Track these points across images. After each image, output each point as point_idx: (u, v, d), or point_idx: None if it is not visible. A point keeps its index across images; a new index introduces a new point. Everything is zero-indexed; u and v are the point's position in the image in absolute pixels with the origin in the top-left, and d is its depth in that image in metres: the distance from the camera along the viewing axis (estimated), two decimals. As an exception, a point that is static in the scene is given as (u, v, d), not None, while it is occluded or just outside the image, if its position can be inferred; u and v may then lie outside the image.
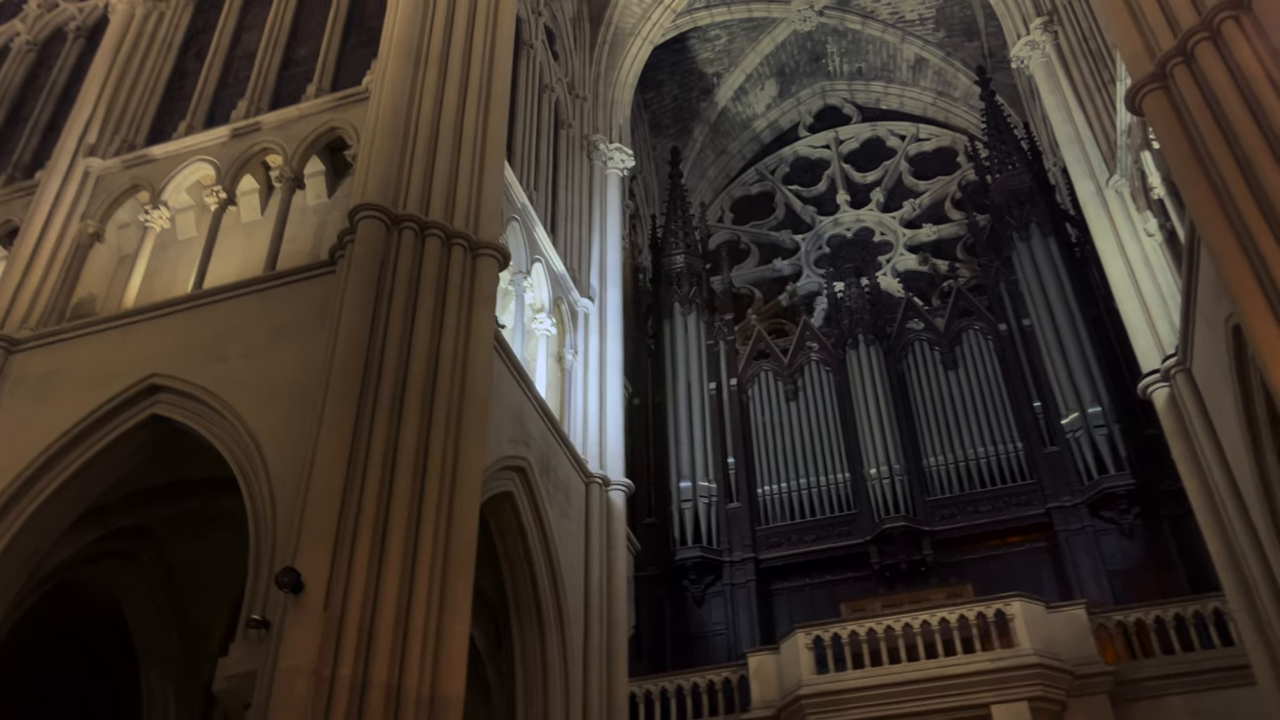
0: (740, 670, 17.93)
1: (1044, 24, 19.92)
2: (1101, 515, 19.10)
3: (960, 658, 16.13)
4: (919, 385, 22.03)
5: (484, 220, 13.31)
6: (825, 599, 19.89)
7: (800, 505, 21.15)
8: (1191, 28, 10.85)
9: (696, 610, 20.49)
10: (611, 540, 17.34)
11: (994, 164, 24.28)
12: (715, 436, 22.33)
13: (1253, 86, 10.05)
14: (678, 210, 26.81)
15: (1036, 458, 20.18)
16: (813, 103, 31.75)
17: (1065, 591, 18.54)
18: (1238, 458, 13.49)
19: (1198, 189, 10.45)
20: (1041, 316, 21.29)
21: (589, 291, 20.05)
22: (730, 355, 23.82)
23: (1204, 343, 14.04)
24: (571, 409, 18.44)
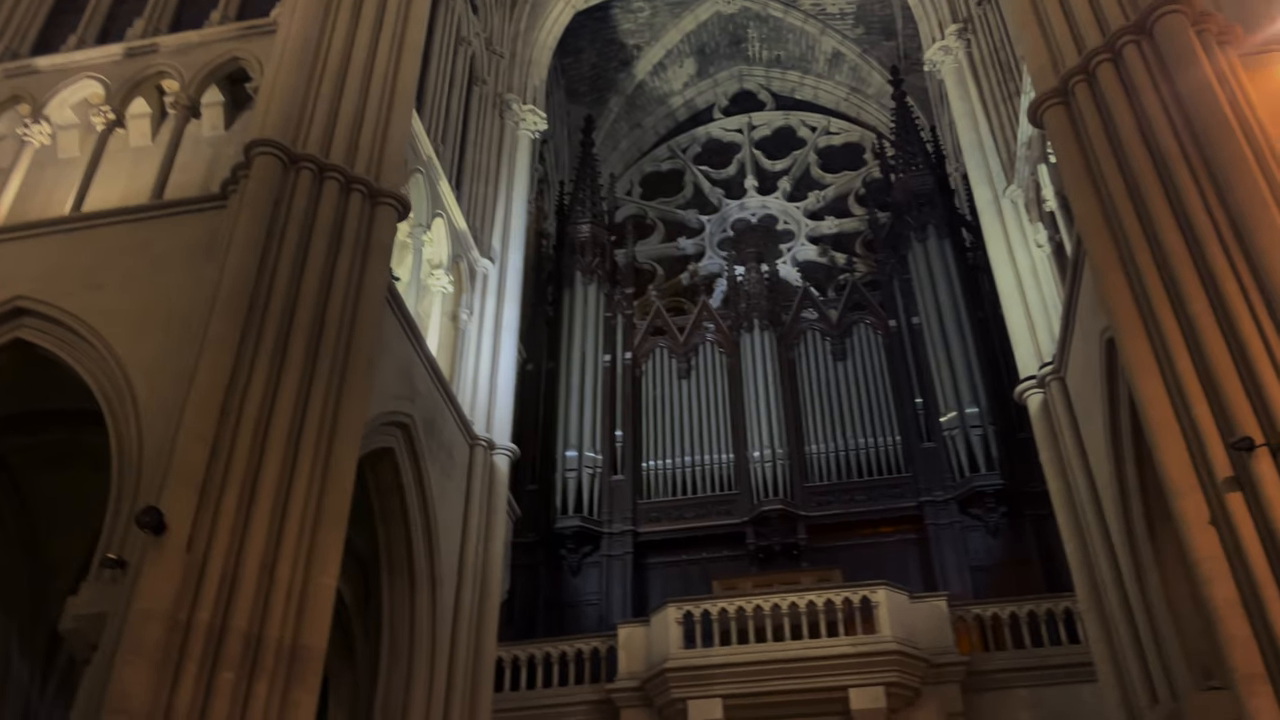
0: (610, 641, 18.08)
1: (959, 31, 20.31)
2: (970, 512, 19.79)
3: (824, 640, 16.55)
4: (808, 373, 22.45)
5: (386, 168, 13.01)
6: (699, 576, 20.17)
7: (683, 482, 21.38)
8: (1095, 48, 11.18)
9: (572, 579, 20.57)
10: (492, 504, 17.20)
11: (899, 164, 24.77)
12: (605, 408, 22.38)
13: (1146, 110, 10.42)
14: (587, 179, 26.67)
15: (913, 452, 20.77)
16: (730, 85, 31.87)
17: (929, 583, 19.19)
18: (1100, 465, 14.06)
19: (1087, 205, 10.80)
20: (931, 316, 21.88)
21: (490, 252, 19.78)
22: (627, 329, 23.87)
23: (1079, 353, 14.58)
24: (462, 369, 18.21)
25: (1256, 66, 10.64)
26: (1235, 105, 9.96)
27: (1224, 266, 9.14)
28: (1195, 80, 10.09)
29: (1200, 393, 8.96)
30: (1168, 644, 12.46)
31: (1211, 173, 9.62)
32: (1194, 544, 8.66)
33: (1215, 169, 9.57)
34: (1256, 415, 8.50)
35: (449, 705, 14.71)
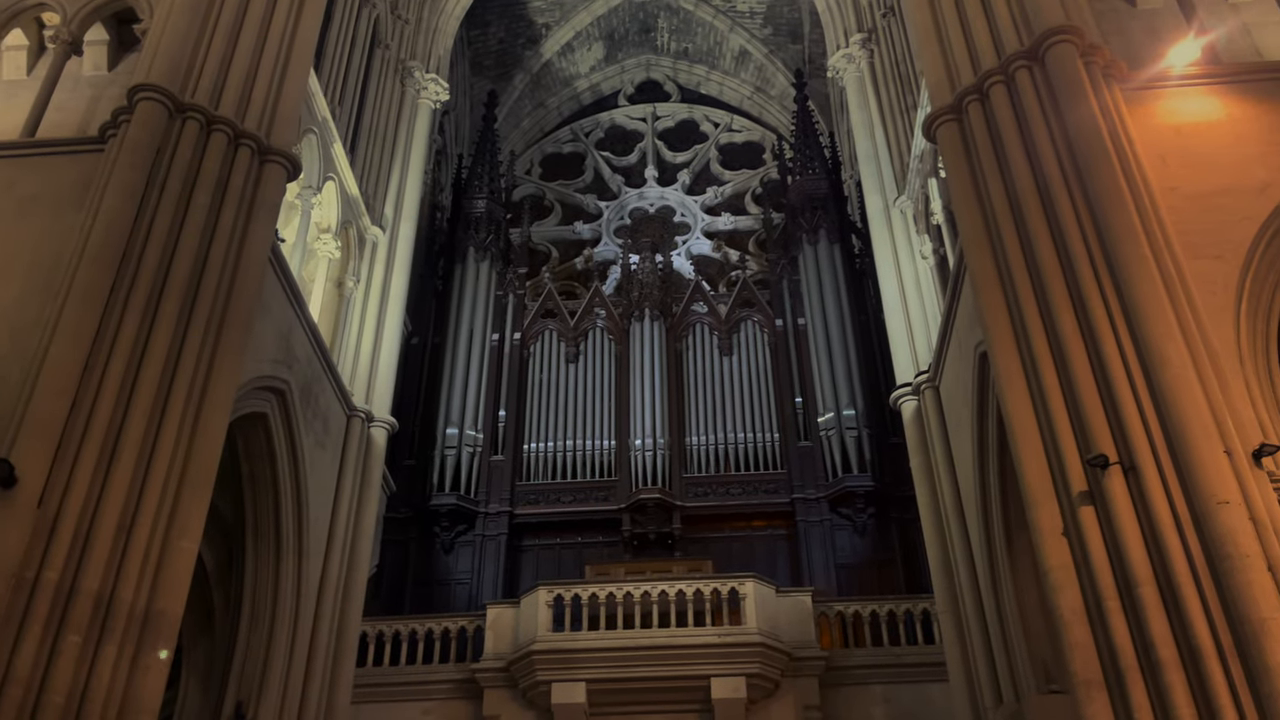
0: (478, 621, 17.97)
1: (863, 40, 20.70)
2: (839, 511, 20.30)
3: (691, 629, 16.78)
4: (694, 366, 22.67)
5: (279, 125, 12.63)
6: (572, 560, 20.23)
7: (563, 466, 21.36)
8: (990, 69, 11.53)
9: (444, 557, 20.37)
10: (366, 477, 16.90)
11: (797, 166, 25.17)
12: (490, 387, 22.20)
13: (1033, 134, 10.80)
14: (486, 155, 26.36)
15: (790, 450, 21.18)
16: (636, 73, 31.86)
17: (797, 578, 19.63)
18: (965, 474, 14.58)
19: (971, 221, 11.15)
20: (816, 318, 22.33)
21: (381, 220, 19.38)
22: (518, 309, 23.71)
23: (954, 365, 15.07)
24: (345, 338, 17.82)
25: (1137, 102, 11.14)
26: (1115, 138, 10.40)
27: (1094, 292, 9.53)
28: (1080, 110, 10.50)
29: (1063, 410, 9.35)
30: (1016, 648, 13.03)
31: (1089, 201, 10.02)
32: (1046, 553, 9.04)
33: (1092, 197, 9.97)
34: (1113, 435, 8.91)
35: (308, 677, 14.44)
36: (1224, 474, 8.21)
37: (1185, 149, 10.84)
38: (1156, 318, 9.06)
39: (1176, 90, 11.38)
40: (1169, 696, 7.75)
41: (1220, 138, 10.89)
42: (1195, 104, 11.23)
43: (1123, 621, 8.26)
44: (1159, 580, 8.19)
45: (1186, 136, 10.96)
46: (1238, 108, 11.08)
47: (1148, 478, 8.49)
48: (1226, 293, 9.78)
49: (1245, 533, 7.94)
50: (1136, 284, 9.27)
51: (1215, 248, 10.05)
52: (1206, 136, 10.92)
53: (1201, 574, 7.99)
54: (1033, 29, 11.37)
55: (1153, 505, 8.37)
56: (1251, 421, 8.87)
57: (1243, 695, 7.48)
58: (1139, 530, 8.42)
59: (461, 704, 17.28)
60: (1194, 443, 8.36)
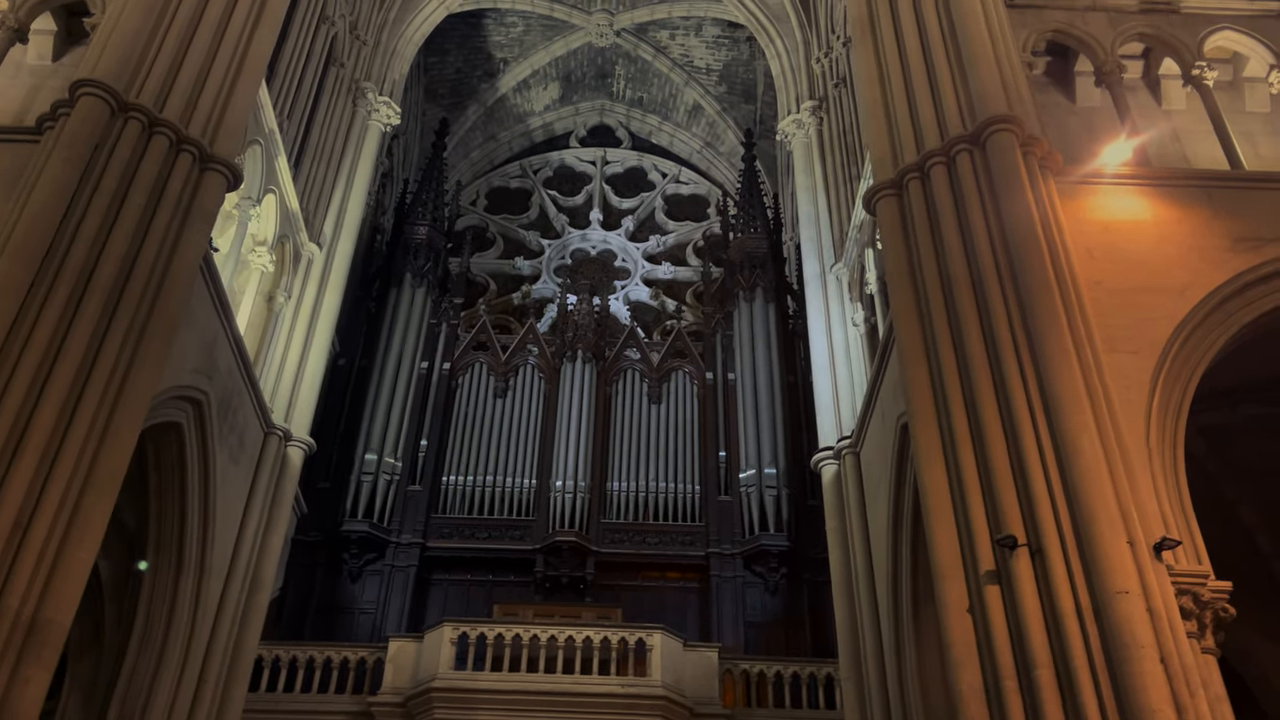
0: (379, 653, 17.60)
1: (813, 108, 21.15)
2: (753, 569, 20.36)
3: (595, 678, 16.62)
4: (622, 412, 22.67)
5: (224, 135, 12.47)
6: (481, 598, 19.96)
7: (481, 501, 21.13)
8: (933, 149, 11.82)
9: (350, 585, 19.96)
10: (278, 497, 16.54)
11: (739, 223, 25.51)
12: (414, 416, 21.94)
13: (969, 217, 11.06)
14: (432, 182, 26.28)
15: (710, 504, 21.23)
16: (590, 117, 32.11)
17: (705, 633, 19.59)
18: (879, 542, 14.75)
19: (903, 296, 11.36)
20: (746, 374, 22.52)
21: (319, 238, 19.16)
22: (450, 339, 23.54)
23: (876, 433, 15.29)
24: (270, 353, 17.52)
25: (1070, 195, 11.50)
26: (1047, 228, 10.70)
27: (1016, 377, 9.75)
28: (1015, 198, 10.80)
29: (977, 488, 9.51)
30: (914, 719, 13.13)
31: (1018, 287, 10.28)
32: (950, 628, 9.14)
33: (1021, 284, 10.24)
34: (1023, 517, 9.07)
35: (197, 699, 13.99)
36: (1125, 564, 8.41)
37: (1111, 245, 11.19)
38: (1073, 407, 9.29)
39: (1107, 188, 11.78)
40: (1058, 780, 7.85)
41: (1145, 237, 11.28)
42: (1124, 203, 11.63)
43: (1019, 702, 8.37)
44: (1057, 664, 8.32)
45: (1113, 233, 11.33)
46: (1163, 210, 11.50)
47: (1053, 562, 8.65)
48: (1141, 388, 10.07)
49: (1142, 623, 8.12)
50: (1056, 373, 9.50)
51: (1133, 343, 10.36)
52: (1132, 235, 11.30)
53: (1098, 661, 8.14)
54: (976, 115, 11.69)
55: (1056, 589, 8.53)
56: (1155, 515, 9.11)
57: (1128, 784, 7.61)
58: (1041, 613, 8.55)
59: (354, 737, 16.86)
60: (1099, 531, 8.55)
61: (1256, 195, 11.61)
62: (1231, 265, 10.98)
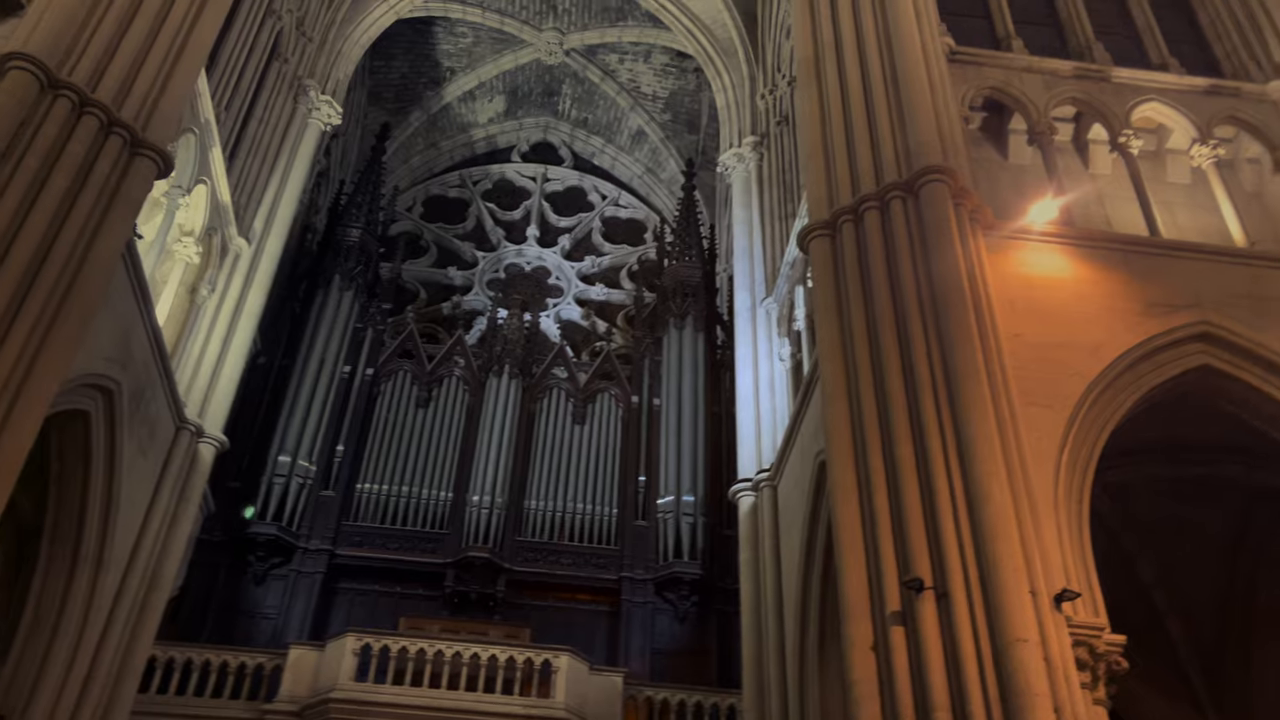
0: (279, 660, 17.17)
1: (755, 144, 21.42)
2: (664, 595, 20.36)
3: (498, 697, 16.45)
4: (545, 430, 22.57)
5: (158, 120, 12.23)
6: (388, 610, 19.60)
7: (395, 511, 20.82)
8: (868, 194, 12.03)
9: (254, 588, 19.48)
10: (185, 494, 16.13)
11: (675, 251, 25.66)
12: (332, 420, 21.57)
13: (898, 263, 11.27)
14: (369, 185, 26.00)
15: (626, 528, 21.20)
16: (533, 133, 32.12)
17: (613, 657, 19.50)
18: (790, 576, 14.87)
19: (829, 335, 11.51)
20: (671, 401, 22.59)
21: (249, 232, 18.83)
22: (375, 344, 23.23)
23: (795, 468, 15.45)
24: (189, 346, 17.14)
25: (997, 249, 11.78)
26: (973, 280, 10.94)
27: (933, 422, 9.93)
28: (944, 247, 11.03)
29: (889, 529, 9.64)
30: (813, 755, 13.22)
31: (940, 335, 10.48)
32: (854, 665, 9.24)
33: (944, 332, 10.44)
34: (932, 561, 9.22)
35: (84, 696, 13.55)
36: (1026, 613, 8.59)
37: (1033, 300, 11.50)
38: (986, 455, 9.49)
39: (1033, 244, 12.10)
40: (948, 822, 7.96)
41: (1065, 295, 11.61)
42: (1047, 260, 11.96)
43: (916, 744, 8.48)
44: (955, 708, 8.43)
45: (1036, 289, 11.64)
46: (1084, 270, 11.86)
47: (958, 606, 8.80)
48: (1052, 441, 10.33)
49: (1038, 672, 8.29)
50: (973, 421, 9.70)
51: (1047, 397, 10.64)
52: (1053, 292, 11.62)
53: (994, 707, 8.27)
54: (912, 164, 11.93)
55: (959, 633, 8.67)
56: (1058, 566, 9.33)
57: (1015, 829, 7.74)
58: (943, 656, 8.68)
59: (245, 746, 16.41)
60: (1003, 579, 8.72)
61: (1171, 263, 12.03)
62: (1144, 329, 11.35)
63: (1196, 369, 11.37)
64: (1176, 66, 14.92)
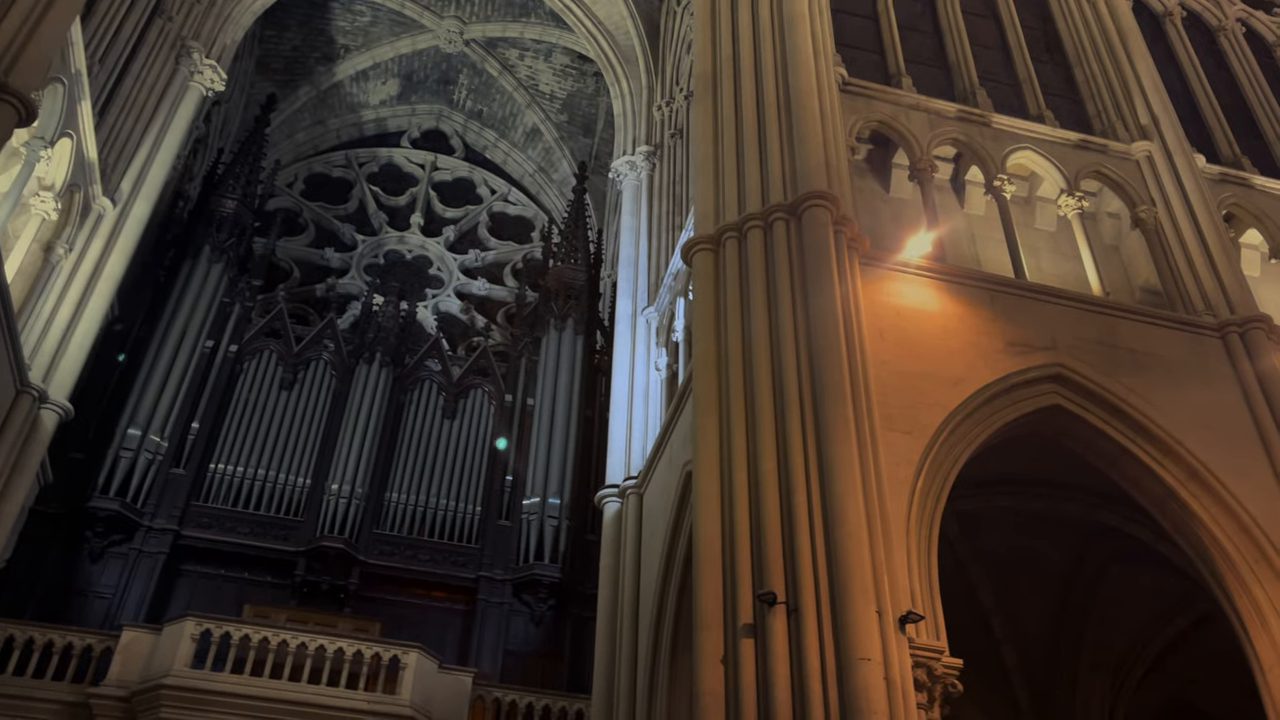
0: (109, 641, 16.32)
1: (648, 153, 21.56)
2: (521, 597, 20.17)
3: (342, 691, 16.00)
4: (414, 422, 22.13)
5: (23, 65, 11.56)
6: (233, 595, 18.85)
7: (249, 495, 20.06)
8: (753, 213, 12.22)
9: (89, 565, 18.49)
10: (21, 462, 15.30)
11: (561, 253, 25.54)
12: (189, 395, 20.68)
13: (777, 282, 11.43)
14: (250, 157, 25.10)
15: (488, 527, 20.94)
16: (426, 120, 31.62)
17: (464, 656, 19.22)
18: (648, 585, 14.95)
19: (705, 347, 11.64)
20: (545, 401, 22.44)
21: (115, 194, 17.99)
22: (242, 321, 22.39)
23: (662, 477, 15.55)
24: (38, 307, 16.28)
25: (871, 277, 12.11)
26: (846, 306, 11.21)
27: (798, 440, 10.12)
28: (821, 272, 11.26)
29: (748, 542, 9.78)
30: (656, 764, 13.29)
31: (812, 356, 10.69)
32: (702, 677, 9.32)
33: (815, 355, 10.66)
34: (786, 576, 9.38)
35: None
36: (871, 633, 8.81)
37: (902, 330, 11.84)
38: (845, 476, 9.71)
39: (906, 276, 12.47)
40: (781, 835, 8.08)
41: (932, 327, 12.00)
42: (918, 292, 12.34)
43: (756, 757, 8.59)
44: (796, 722, 8.60)
45: (905, 319, 12.00)
46: (951, 305, 12.27)
47: (807, 622, 8.97)
48: (909, 467, 10.64)
49: (878, 690, 8.51)
50: (835, 442, 9.92)
51: (908, 424, 10.96)
52: (921, 323, 11.99)
53: (834, 722, 8.46)
54: (798, 188, 12.17)
55: (806, 649, 8.83)
56: (905, 589, 9.60)
57: (845, 844, 7.91)
58: (789, 671, 8.83)
59: (65, 731, 15.54)
60: (852, 598, 8.93)
61: (1032, 305, 12.57)
62: (1003, 366, 11.82)
63: (1048, 408, 11.90)
64: (1051, 119, 15.62)
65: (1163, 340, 12.70)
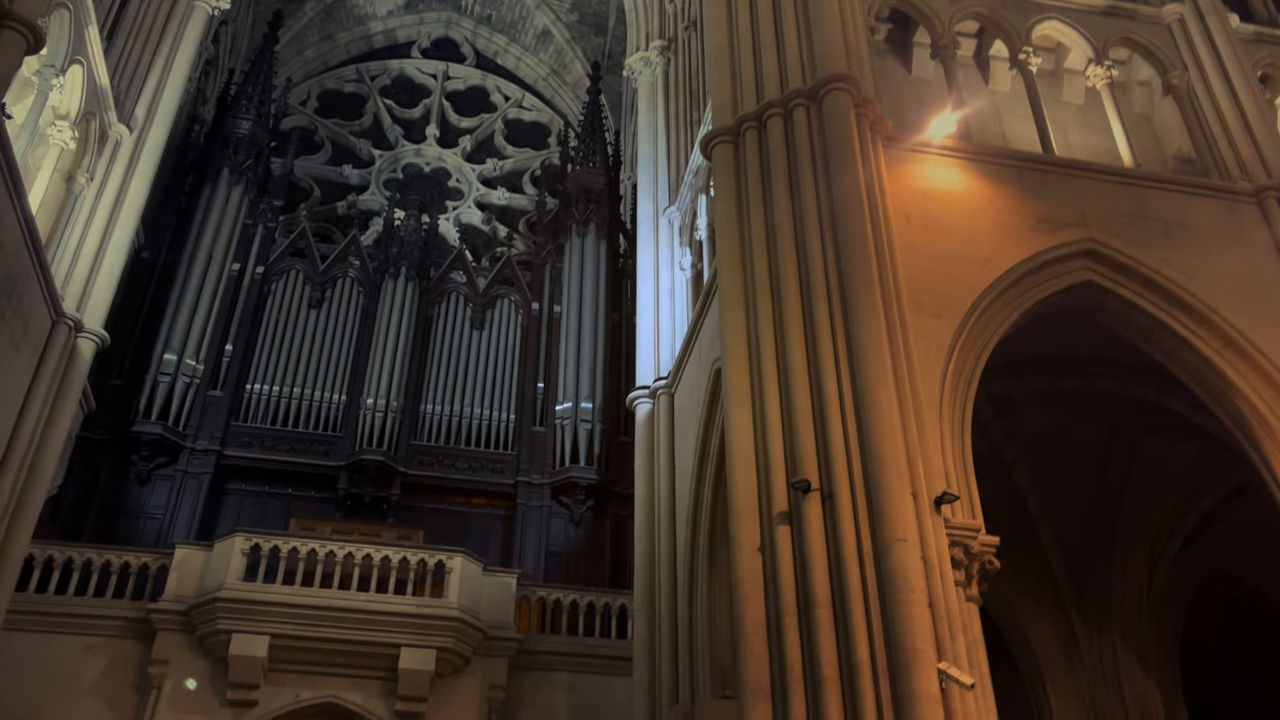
0: (164, 560, 16.82)
1: (662, 48, 21.05)
2: (560, 500, 20.53)
3: (390, 596, 16.44)
4: (443, 334, 22.29)
5: (26, -10, 11.40)
6: (279, 511, 19.34)
7: (287, 413, 20.42)
8: (772, 100, 11.98)
9: (138, 488, 18.97)
10: (64, 389, 15.54)
11: (579, 157, 25.28)
12: (220, 319, 20.90)
13: (799, 171, 11.30)
14: (260, 76, 24.82)
15: (524, 433, 21.22)
16: (435, 29, 31.05)
17: (507, 559, 19.68)
18: (684, 482, 15.10)
19: (729, 242, 11.54)
20: (572, 308, 22.50)
21: (130, 120, 17.88)
22: (266, 242, 22.48)
23: (691, 375, 15.58)
24: (65, 237, 16.34)
25: (896, 160, 11.90)
26: (871, 191, 11.05)
27: (826, 329, 10.09)
28: (844, 158, 11.08)
29: (780, 433, 9.84)
30: (699, 653, 13.60)
31: (837, 243, 10.59)
32: (741, 566, 9.48)
33: (841, 241, 10.55)
34: (819, 464, 9.46)
35: (-45, 596, 13.10)
36: (907, 514, 8.89)
37: (928, 213, 11.67)
38: (875, 363, 9.70)
39: (931, 157, 12.24)
40: (824, 711, 8.29)
41: (959, 209, 11.81)
42: (944, 173, 12.12)
43: (796, 638, 8.77)
44: (835, 604, 8.75)
45: (931, 201, 11.81)
46: (977, 185, 12.06)
47: (842, 507, 9.07)
48: (940, 350, 10.59)
49: (915, 570, 8.63)
50: (864, 329, 9.88)
51: (937, 308, 10.87)
52: (947, 205, 11.80)
53: (873, 602, 8.60)
54: (817, 71, 11.91)
55: (841, 533, 8.95)
56: (939, 470, 9.65)
57: (887, 716, 8.10)
58: (825, 555, 8.97)
59: (129, 644, 16.07)
60: (887, 482, 9.00)
61: (1061, 180, 12.32)
62: (1033, 244, 11.65)
63: (1080, 284, 11.76)
64: (1078, -15, 15.10)
65: (1196, 209, 12.45)
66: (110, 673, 15.87)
